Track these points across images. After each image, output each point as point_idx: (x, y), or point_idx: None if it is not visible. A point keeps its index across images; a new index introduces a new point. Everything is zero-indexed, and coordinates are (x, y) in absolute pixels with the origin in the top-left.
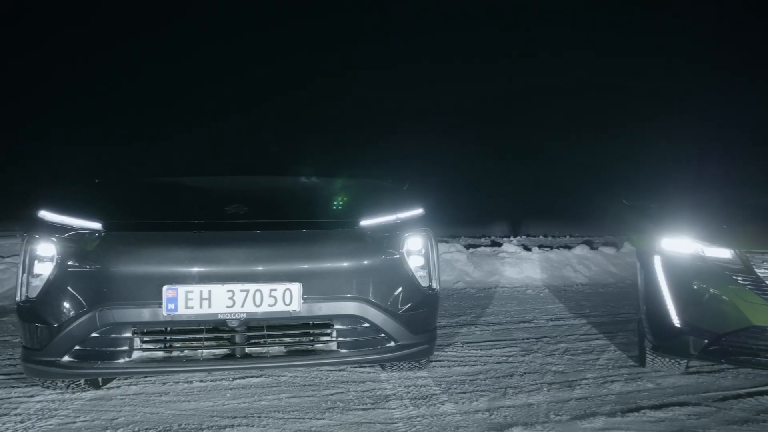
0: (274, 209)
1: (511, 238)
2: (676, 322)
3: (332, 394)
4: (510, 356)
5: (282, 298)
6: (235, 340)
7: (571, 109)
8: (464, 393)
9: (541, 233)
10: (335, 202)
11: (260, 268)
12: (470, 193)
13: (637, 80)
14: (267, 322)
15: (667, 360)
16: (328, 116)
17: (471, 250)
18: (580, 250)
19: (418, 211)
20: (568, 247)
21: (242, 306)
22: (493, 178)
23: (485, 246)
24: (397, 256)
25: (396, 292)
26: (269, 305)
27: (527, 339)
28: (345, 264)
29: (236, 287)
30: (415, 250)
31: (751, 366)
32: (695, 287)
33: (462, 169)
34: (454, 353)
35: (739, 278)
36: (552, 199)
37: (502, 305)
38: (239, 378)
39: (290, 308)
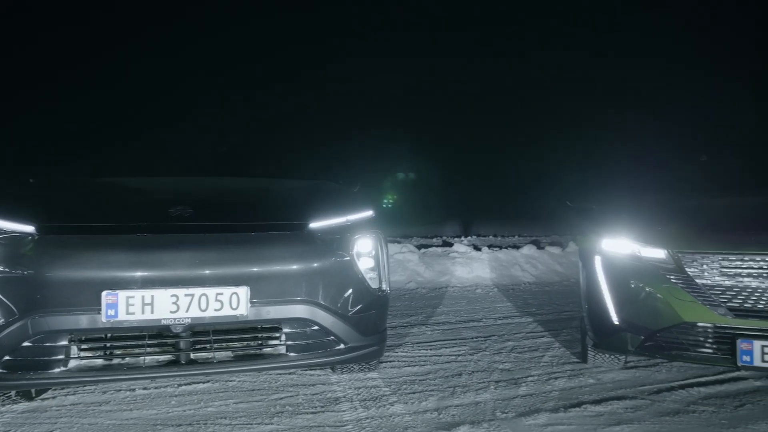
0: (221, 211)
1: (462, 239)
2: (615, 319)
3: (281, 398)
4: (459, 355)
5: (229, 302)
6: (180, 346)
7: (521, 113)
8: (414, 393)
9: (491, 233)
10: (284, 204)
11: (206, 271)
12: (423, 194)
13: (582, 84)
14: (213, 327)
15: (607, 356)
16: (278, 116)
17: (423, 250)
18: (528, 250)
19: (369, 213)
20: (516, 247)
21: (187, 311)
22: (445, 179)
23: (437, 246)
24: (347, 258)
25: (346, 295)
26: (215, 310)
27: (476, 338)
28: (294, 267)
29: (181, 292)
30: (365, 252)
31: (682, 360)
32: (632, 286)
33: (415, 170)
34: (404, 353)
35: (672, 277)
36: (502, 200)
37: (452, 305)
38: (185, 384)
39: (237, 312)
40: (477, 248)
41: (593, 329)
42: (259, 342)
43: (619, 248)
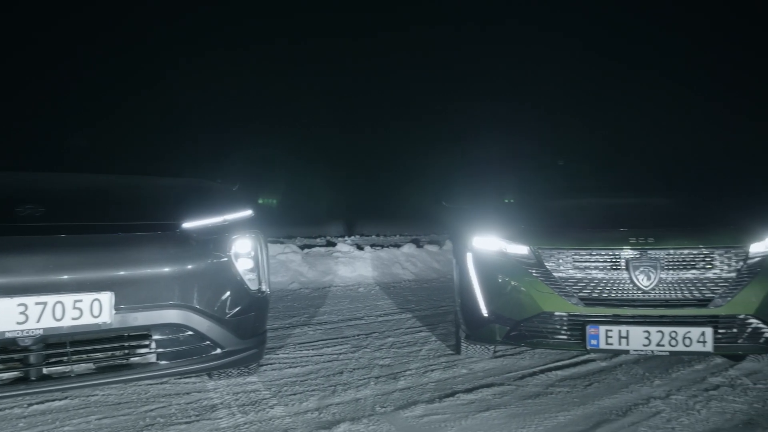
0: (80, 210)
1: (346, 238)
2: (485, 312)
3: (152, 410)
4: (341, 354)
5: (89, 309)
6: (30, 361)
7: (401, 116)
8: (294, 394)
9: (374, 233)
10: (155, 203)
11: (63, 277)
12: (307, 194)
13: (456, 86)
14: (71, 337)
15: (479, 347)
16: (152, 109)
17: (306, 250)
18: (408, 249)
19: (248, 213)
20: (397, 245)
21: (38, 321)
22: (329, 179)
23: (320, 246)
24: (225, 259)
25: (223, 297)
26: (73, 318)
27: (357, 336)
28: (165, 269)
29: (30, 300)
30: (244, 253)
31: (542, 347)
32: (499, 280)
33: (299, 170)
34: (285, 355)
35: (533, 271)
36: (384, 199)
37: (335, 304)
38: (37, 403)
39: (99, 320)
40: (360, 247)
41: (465, 322)
42: (126, 351)
43: (488, 245)
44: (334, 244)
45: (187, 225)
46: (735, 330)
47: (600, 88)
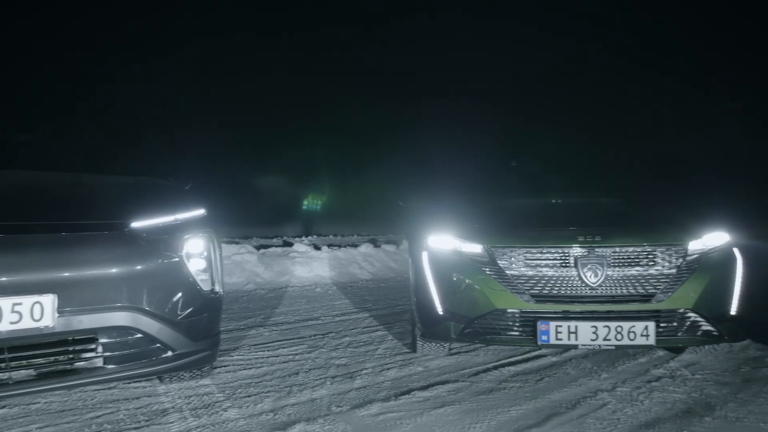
0: (22, 209)
1: (303, 238)
2: (440, 310)
3: (98, 417)
4: (297, 354)
5: (30, 313)
6: None
7: (359, 115)
8: (249, 396)
9: (331, 233)
10: (102, 202)
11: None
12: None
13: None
14: (9, 342)
15: (434, 345)
16: (101, 105)
17: (262, 250)
18: (365, 248)
19: (200, 212)
20: (354, 245)
21: None
22: (287, 179)
23: (277, 246)
24: (176, 259)
25: (174, 299)
26: (12, 323)
27: (314, 336)
28: (113, 270)
29: None
30: (197, 253)
31: (495, 343)
32: (454, 279)
33: (256, 169)
34: (240, 357)
35: (486, 269)
36: (344, 199)
37: (291, 304)
38: None
39: (41, 324)
40: (317, 247)
41: (421, 320)
42: (70, 356)
43: (443, 244)
44: (290, 244)
45: (136, 224)
46: (675, 323)
47: (553, 89)
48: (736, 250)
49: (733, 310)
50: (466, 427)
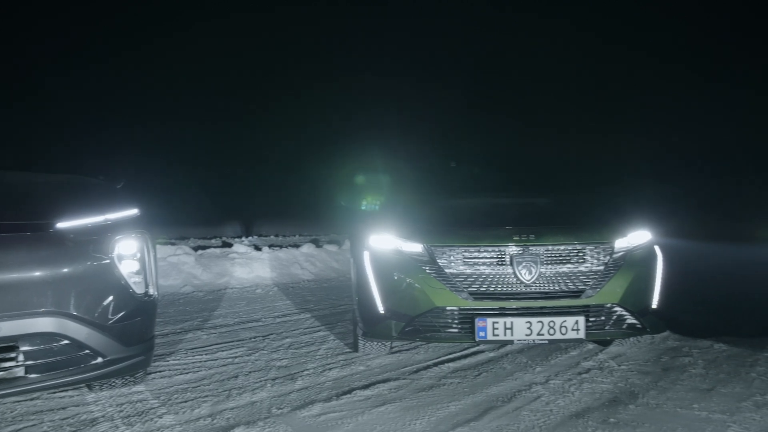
0: None
1: (243, 239)
2: (381, 309)
3: (19, 430)
4: (236, 357)
5: None
6: None
7: (301, 114)
8: (186, 402)
9: (273, 233)
10: (24, 201)
11: None
12: (203, 194)
13: (354, 85)
14: None
15: (376, 343)
16: (26, 97)
17: (200, 251)
18: (307, 249)
19: (133, 212)
20: (296, 245)
21: None
22: (227, 178)
23: (215, 247)
24: (107, 261)
25: (105, 302)
26: None
27: (254, 338)
28: (36, 273)
29: None
30: (129, 254)
31: (435, 340)
32: (395, 278)
33: (194, 168)
34: (177, 361)
35: (427, 268)
36: (284, 199)
37: (231, 306)
38: None
39: None
40: (258, 248)
41: (363, 319)
42: None
43: (384, 244)
44: (230, 245)
45: (63, 225)
46: (603, 318)
47: (492, 90)
48: (657, 248)
49: (655, 304)
50: (406, 423)
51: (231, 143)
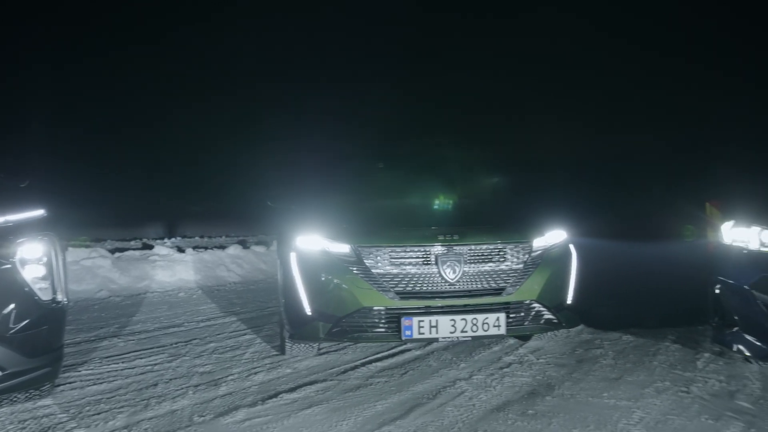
0: None
1: (166, 240)
2: (308, 310)
3: None
4: (156, 364)
5: None
6: None
7: (226, 112)
8: (99, 414)
9: (198, 234)
10: None
11: None
12: (121, 194)
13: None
14: None
15: (303, 345)
16: None
17: (118, 254)
18: (234, 250)
19: (38, 213)
20: (222, 247)
21: None
22: (147, 178)
23: (135, 249)
24: (7, 266)
25: (5, 311)
26: None
27: (176, 344)
28: None
29: None
30: (33, 259)
31: (363, 340)
32: (322, 279)
33: (110, 167)
34: (90, 371)
35: (354, 269)
36: (210, 199)
37: (151, 311)
38: None
39: None
40: (181, 250)
41: (289, 321)
42: None
43: (312, 245)
44: (151, 247)
45: None
46: (522, 314)
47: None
48: (572, 246)
49: (570, 300)
50: (332, 425)
51: (153, 140)
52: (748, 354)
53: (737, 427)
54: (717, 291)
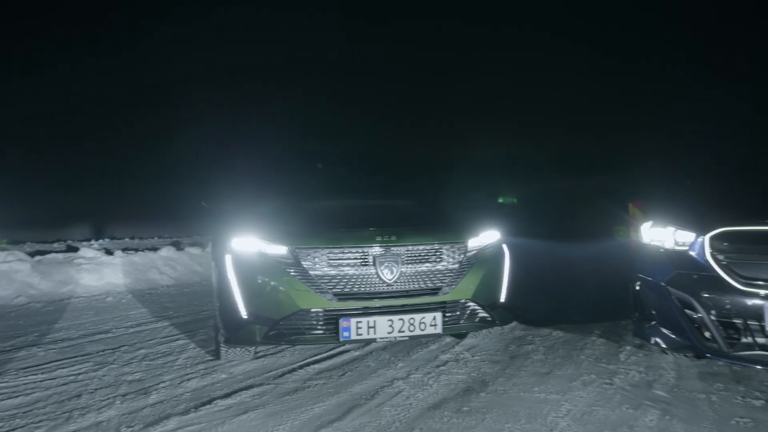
0: None
1: (92, 242)
2: (244, 313)
3: None
4: (80, 374)
5: None
6: None
7: (159, 110)
8: (14, 430)
9: (128, 235)
10: None
11: None
12: (42, 193)
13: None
14: None
15: (239, 349)
16: None
17: (38, 257)
18: (167, 252)
19: None
20: (155, 249)
21: None
22: (74, 177)
23: (58, 252)
24: None
25: None
26: None
27: (102, 351)
28: None
29: None
30: None
31: (300, 343)
32: (259, 281)
33: (32, 164)
34: (4, 384)
35: (291, 270)
36: (141, 200)
37: (75, 318)
38: None
39: None
40: (109, 252)
41: (225, 325)
42: None
43: (248, 246)
44: (76, 249)
45: None
46: (458, 313)
47: (358, 93)
48: (505, 246)
49: (503, 298)
50: (269, 430)
51: (81, 136)
52: (664, 346)
53: (654, 414)
54: (637, 287)
